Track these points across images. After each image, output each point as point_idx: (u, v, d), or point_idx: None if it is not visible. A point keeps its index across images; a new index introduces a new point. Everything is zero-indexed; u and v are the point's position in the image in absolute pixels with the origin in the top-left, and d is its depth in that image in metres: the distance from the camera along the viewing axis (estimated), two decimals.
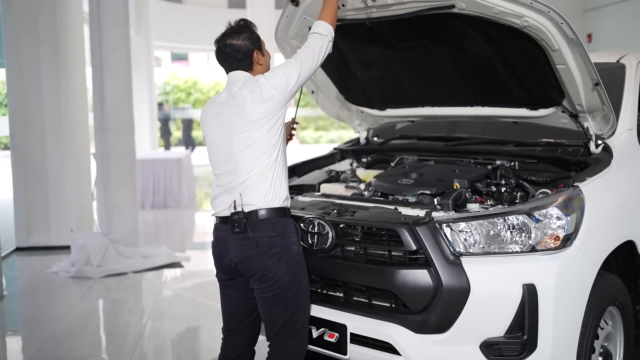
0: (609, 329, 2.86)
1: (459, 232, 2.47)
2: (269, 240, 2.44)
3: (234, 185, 2.50)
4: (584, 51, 2.67)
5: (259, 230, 2.45)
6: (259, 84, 2.51)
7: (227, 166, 2.53)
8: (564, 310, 2.43)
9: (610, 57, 3.72)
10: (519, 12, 2.57)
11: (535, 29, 2.62)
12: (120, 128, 6.40)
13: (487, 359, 2.40)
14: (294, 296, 2.49)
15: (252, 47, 2.61)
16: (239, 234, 2.46)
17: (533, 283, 2.37)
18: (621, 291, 2.88)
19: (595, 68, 3.63)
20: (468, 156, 3.41)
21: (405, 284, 2.44)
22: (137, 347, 4.22)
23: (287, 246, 2.47)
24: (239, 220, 2.45)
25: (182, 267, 6.34)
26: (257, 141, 2.47)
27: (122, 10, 6.31)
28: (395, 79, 3.48)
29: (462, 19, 2.77)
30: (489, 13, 2.63)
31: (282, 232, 2.47)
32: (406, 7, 2.81)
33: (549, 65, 2.80)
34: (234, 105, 2.52)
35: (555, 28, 2.60)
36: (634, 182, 3.06)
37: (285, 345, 2.54)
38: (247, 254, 2.47)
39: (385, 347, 2.49)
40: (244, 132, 2.47)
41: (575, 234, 2.50)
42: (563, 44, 2.65)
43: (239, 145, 2.49)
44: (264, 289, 2.48)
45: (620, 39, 9.90)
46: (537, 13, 2.57)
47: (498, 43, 2.87)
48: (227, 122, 2.53)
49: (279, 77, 2.51)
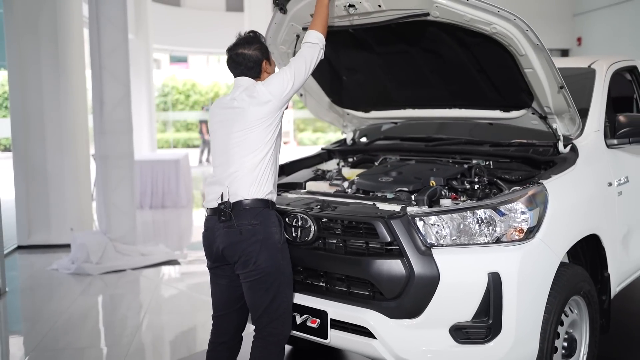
0: (574, 316, 3.06)
1: (431, 225, 2.67)
2: (252, 227, 2.66)
3: (224, 176, 2.73)
4: (548, 56, 2.88)
5: (242, 219, 2.67)
6: (257, 89, 2.75)
7: (221, 159, 2.78)
8: (527, 297, 2.63)
9: (582, 63, 3.93)
10: (487, 19, 2.78)
11: (503, 35, 2.82)
12: (118, 130, 6.60)
13: (456, 342, 2.60)
14: (275, 281, 2.70)
15: (261, 56, 2.87)
16: (224, 222, 2.69)
17: (498, 272, 2.56)
18: (586, 282, 3.07)
19: (568, 72, 3.88)
20: (447, 156, 3.61)
21: (381, 273, 2.64)
22: (135, 339, 4.42)
23: (269, 234, 2.69)
24: (225, 210, 2.68)
25: (179, 265, 6.54)
26: (251, 139, 2.71)
27: (120, 15, 6.52)
28: (378, 82, 3.68)
29: (437, 25, 2.97)
30: (460, 20, 2.83)
31: (264, 221, 2.69)
32: (385, 15, 3.01)
33: (518, 69, 3.00)
34: (236, 107, 2.77)
35: (521, 34, 2.80)
36: (599, 180, 3.27)
37: (269, 328, 2.74)
38: (231, 240, 2.68)
39: (362, 331, 2.68)
40: (241, 131, 2.72)
41: (538, 227, 2.70)
42: (529, 49, 2.85)
43: (234, 141, 2.73)
44: (247, 274, 2.69)
45: (609, 42, 10.11)
46: (504, 20, 2.77)
47: (471, 48, 3.07)
48: (229, 122, 2.78)
49: (276, 84, 2.75)
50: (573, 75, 3.87)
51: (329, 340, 2.80)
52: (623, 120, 3.45)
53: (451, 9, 2.77)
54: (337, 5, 3.04)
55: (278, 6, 3.21)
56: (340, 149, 4.12)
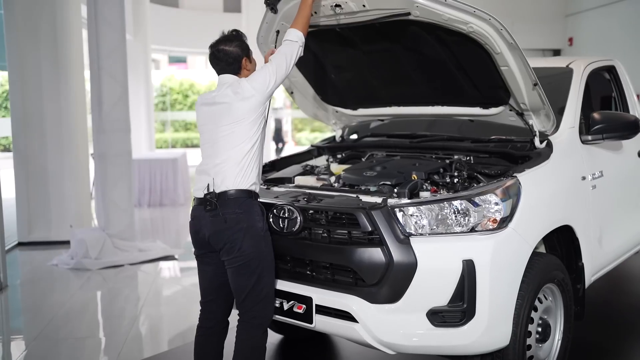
0: (548, 303, 3.22)
1: (409, 216, 2.83)
2: (236, 216, 2.83)
3: (211, 166, 2.90)
4: (522, 55, 3.04)
5: (227, 208, 2.84)
6: (241, 85, 2.92)
7: (209, 150, 2.94)
8: (500, 283, 2.79)
9: (561, 62, 4.10)
10: (464, 19, 2.94)
11: (479, 34, 2.98)
12: (117, 129, 6.76)
13: (433, 325, 2.76)
14: (258, 267, 2.86)
15: (241, 53, 3.02)
16: (210, 211, 2.85)
17: (472, 259, 2.72)
18: (560, 270, 3.24)
19: (548, 72, 4.06)
20: (430, 152, 3.77)
21: (362, 261, 2.80)
22: (132, 329, 4.58)
23: (252, 223, 2.85)
24: (211, 199, 2.85)
25: (176, 260, 6.70)
26: (237, 132, 2.87)
27: (118, 17, 6.67)
28: (364, 81, 3.84)
29: (418, 25, 3.13)
30: (439, 20, 2.99)
31: (248, 211, 2.85)
32: (369, 14, 3.17)
33: (494, 67, 3.16)
34: (222, 103, 2.93)
35: (496, 33, 2.96)
36: (572, 174, 3.43)
37: (252, 312, 2.91)
38: (217, 228, 2.85)
39: (345, 316, 2.84)
40: (228, 125, 2.88)
41: (511, 217, 2.86)
42: (504, 47, 3.01)
43: (221, 135, 2.89)
44: (231, 260, 2.86)
45: (599, 42, 10.28)
46: (480, 20, 2.93)
47: (451, 47, 3.23)
48: (216, 116, 2.94)
49: (258, 80, 2.92)
50: (552, 75, 4.05)
51: (314, 325, 2.96)
52: (597, 118, 3.60)
53: (430, 8, 2.93)
54: (323, 5, 3.20)
55: (269, 6, 3.37)
56: (329, 145, 4.28)
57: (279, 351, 4.07)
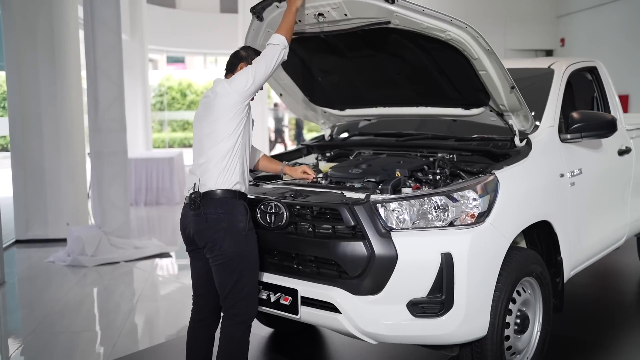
0: (526, 296, 3.34)
1: (391, 211, 2.95)
2: (217, 216, 2.94)
3: (196, 166, 3.03)
4: (498, 60, 3.16)
5: (208, 207, 2.95)
6: (221, 85, 3.05)
7: (196, 150, 3.08)
8: (477, 275, 2.91)
9: (544, 63, 4.22)
10: (442, 27, 3.06)
11: (457, 41, 3.10)
12: (113, 128, 6.87)
13: (413, 316, 2.87)
14: (239, 265, 2.97)
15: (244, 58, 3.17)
16: (194, 210, 2.98)
17: (450, 252, 2.84)
18: (538, 264, 3.36)
19: (530, 73, 4.18)
20: (415, 150, 3.89)
21: (345, 254, 2.92)
22: (127, 322, 4.70)
23: (233, 223, 2.95)
24: (195, 199, 2.97)
25: (171, 257, 6.81)
26: (217, 130, 2.98)
27: (114, 18, 6.78)
28: (350, 83, 3.96)
29: (399, 32, 3.25)
30: (418, 28, 3.11)
31: (230, 211, 2.96)
32: (352, 23, 3.29)
33: (473, 71, 3.28)
34: (206, 103, 3.08)
35: (473, 40, 3.08)
36: (550, 171, 3.55)
37: (234, 309, 3.02)
38: (199, 227, 2.97)
39: (329, 307, 2.96)
40: (209, 123, 3.01)
41: (488, 212, 2.98)
42: (481, 53, 3.13)
43: (204, 133, 3.02)
44: (214, 258, 2.98)
45: (591, 42, 10.41)
46: (457, 28, 3.05)
47: (431, 53, 3.35)
48: (201, 116, 3.09)
49: (237, 80, 3.04)
50: (534, 75, 4.18)
51: (299, 316, 3.08)
52: (576, 117, 3.73)
53: (409, 17, 3.06)
54: (307, 14, 3.32)
55: (255, 14, 3.50)
56: (318, 144, 4.40)
57: (269, 344, 4.19)
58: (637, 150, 4.56)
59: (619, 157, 4.34)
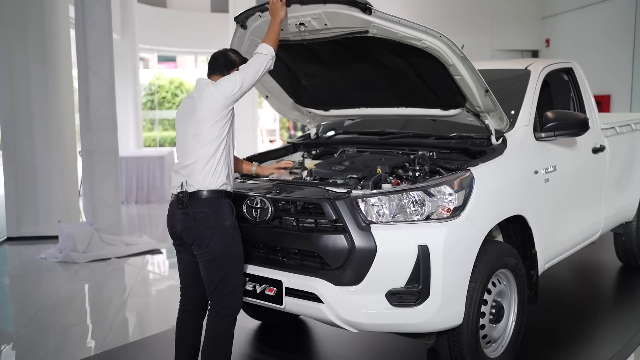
0: (502, 287, 3.49)
1: (371, 206, 3.10)
2: (204, 215, 3.07)
3: (182, 167, 3.15)
4: (472, 66, 3.31)
5: (196, 207, 3.08)
6: (207, 88, 3.15)
7: (181, 150, 3.19)
8: (452, 266, 3.05)
9: (521, 65, 4.38)
10: (417, 36, 3.21)
11: (432, 49, 3.25)
12: (104, 127, 6.99)
13: (391, 305, 3.02)
14: (226, 262, 3.11)
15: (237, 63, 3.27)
16: (182, 209, 3.10)
17: (426, 244, 2.98)
18: (513, 257, 3.50)
19: (508, 74, 4.33)
20: (397, 148, 4.03)
21: (327, 247, 3.06)
22: (119, 316, 4.82)
23: (220, 221, 3.09)
24: (183, 198, 3.10)
25: (161, 254, 6.93)
26: (202, 133, 3.09)
27: (105, 18, 6.90)
28: (334, 86, 4.09)
29: (377, 41, 3.39)
30: (395, 37, 3.26)
31: (217, 210, 3.09)
32: (332, 32, 3.43)
33: (449, 76, 3.43)
34: (191, 104, 3.19)
35: (447, 48, 3.23)
36: (525, 168, 3.70)
37: (220, 302, 3.16)
38: (187, 225, 3.11)
39: (312, 297, 3.10)
40: (194, 124, 3.12)
41: (463, 207, 3.13)
42: (456, 60, 3.28)
43: (189, 135, 3.13)
44: (201, 254, 3.11)
45: (575, 43, 10.61)
46: (432, 37, 3.20)
47: (409, 59, 3.48)
48: (185, 116, 3.20)
49: (224, 85, 3.14)
50: (512, 76, 4.33)
51: (284, 306, 3.22)
52: (550, 116, 3.88)
53: (386, 27, 3.20)
54: (289, 23, 3.46)
55: (238, 22, 3.63)
56: (305, 142, 4.54)
57: (257, 336, 4.32)
58: (611, 149, 4.72)
59: (593, 155, 4.50)
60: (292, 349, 4.11)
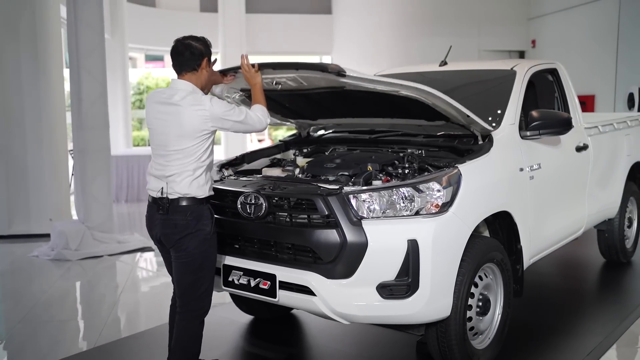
0: (488, 280, 3.61)
1: (362, 201, 3.20)
2: (185, 223, 3.12)
3: (163, 175, 3.15)
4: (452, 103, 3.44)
5: (177, 214, 3.13)
6: (202, 99, 3.10)
7: (161, 159, 3.17)
8: (441, 260, 3.16)
9: (507, 65, 4.50)
10: (393, 89, 3.35)
11: (411, 96, 3.40)
12: (96, 125, 7.05)
13: (382, 298, 3.12)
14: (200, 266, 3.19)
15: (204, 52, 3.20)
16: (162, 214, 3.16)
17: (415, 239, 3.09)
18: (499, 252, 3.62)
19: (494, 74, 4.45)
20: (387, 146, 4.13)
21: (319, 241, 3.16)
22: (112, 312, 4.89)
23: (200, 227, 3.15)
24: (163, 205, 3.14)
25: (153, 251, 7.00)
26: (187, 149, 3.10)
27: (97, 18, 6.95)
28: (320, 106, 4.17)
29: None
30: (371, 89, 3.38)
31: (197, 217, 3.14)
32: (309, 89, 3.55)
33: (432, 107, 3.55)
34: (175, 113, 3.09)
35: (426, 94, 3.36)
36: (510, 165, 3.82)
37: (189, 305, 3.24)
38: (166, 231, 3.16)
39: (305, 290, 3.20)
40: (178, 138, 3.09)
41: (451, 203, 3.24)
42: (435, 99, 3.41)
43: (172, 147, 3.11)
44: (177, 257, 3.19)
45: (560, 44, 10.79)
46: (408, 89, 3.35)
47: (391, 98, 3.55)
48: (168, 123, 3.11)
49: (222, 106, 3.10)
50: (498, 77, 4.45)
51: (277, 299, 3.31)
52: (535, 115, 4.00)
53: (361, 85, 3.32)
54: (266, 82, 3.55)
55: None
56: (296, 140, 4.63)
57: (249, 330, 4.40)
58: (594, 147, 4.86)
59: (576, 153, 4.63)
60: (285, 342, 4.20)
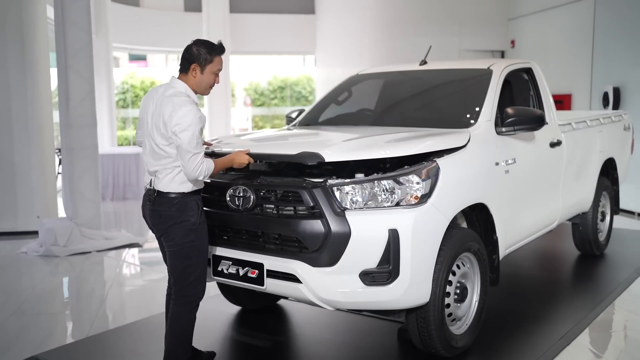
0: (465, 269, 3.79)
1: (345, 193, 3.37)
2: (169, 214, 3.29)
3: (150, 167, 3.35)
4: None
5: (162, 205, 3.30)
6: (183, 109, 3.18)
7: (148, 151, 3.35)
8: (420, 249, 3.34)
9: (484, 64, 4.69)
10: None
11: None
12: (83, 123, 7.15)
13: (364, 284, 3.29)
14: (188, 255, 3.34)
15: (197, 57, 3.32)
16: (150, 205, 3.35)
17: (396, 228, 3.26)
18: (476, 242, 3.81)
19: (472, 73, 4.64)
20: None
21: (305, 231, 3.32)
22: (102, 305, 5.01)
23: (185, 218, 3.30)
24: (151, 196, 3.34)
25: (140, 247, 7.12)
26: (166, 149, 3.26)
27: (85, 18, 7.05)
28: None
29: None
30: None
31: (182, 208, 3.29)
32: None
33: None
34: (161, 113, 3.24)
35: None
36: (486, 160, 4.01)
37: (182, 291, 3.40)
38: (154, 221, 3.36)
39: (291, 278, 3.36)
40: (161, 137, 3.26)
41: (430, 194, 3.41)
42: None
43: (156, 144, 3.28)
44: (167, 246, 3.36)
45: (539, 44, 11.04)
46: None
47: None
48: (156, 120, 3.27)
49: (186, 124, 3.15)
50: (475, 75, 4.65)
51: (265, 287, 3.47)
52: (509, 112, 4.19)
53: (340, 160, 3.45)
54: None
55: None
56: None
57: (237, 320, 4.55)
58: (568, 143, 5.07)
59: (550, 149, 4.84)
60: (272, 331, 4.35)
